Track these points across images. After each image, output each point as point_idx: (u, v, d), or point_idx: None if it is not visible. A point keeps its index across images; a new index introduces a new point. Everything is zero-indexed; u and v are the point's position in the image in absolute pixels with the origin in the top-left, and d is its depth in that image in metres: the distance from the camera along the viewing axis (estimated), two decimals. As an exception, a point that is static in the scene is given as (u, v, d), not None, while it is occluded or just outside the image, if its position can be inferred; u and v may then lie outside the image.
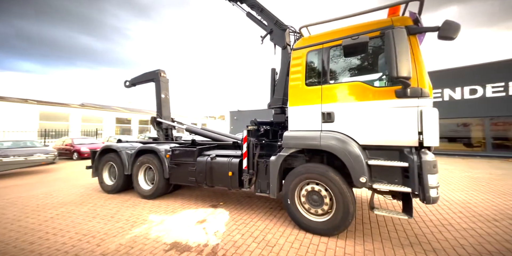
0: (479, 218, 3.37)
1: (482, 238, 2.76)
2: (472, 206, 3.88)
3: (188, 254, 2.46)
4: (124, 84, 6.88)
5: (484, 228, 3.01)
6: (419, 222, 3.26)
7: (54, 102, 19.48)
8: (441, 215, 3.48)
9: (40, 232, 3.04)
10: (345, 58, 3.10)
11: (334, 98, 3.00)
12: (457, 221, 3.26)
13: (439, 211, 3.64)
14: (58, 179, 6.61)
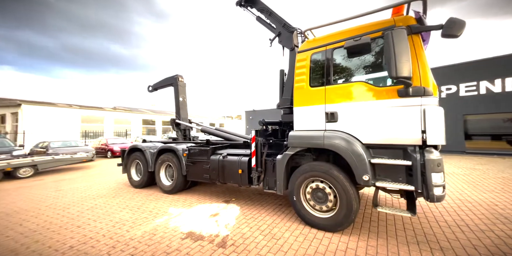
0: (503, 220, 3.15)
1: (500, 239, 2.61)
2: (499, 208, 3.61)
3: (201, 242, 2.72)
4: (147, 89, 7.46)
5: (506, 230, 2.83)
6: (431, 222, 3.16)
7: (92, 106, 21.55)
8: (459, 216, 3.31)
9: (84, 218, 3.56)
10: (348, 59, 3.11)
11: (338, 99, 3.03)
12: (475, 222, 3.09)
13: (457, 212, 3.46)
14: (95, 174, 7.45)
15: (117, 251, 2.56)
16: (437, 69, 11.60)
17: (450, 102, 11.19)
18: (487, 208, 3.60)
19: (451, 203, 3.89)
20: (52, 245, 2.76)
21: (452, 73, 11.52)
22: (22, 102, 15.19)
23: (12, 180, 6.96)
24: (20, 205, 4.40)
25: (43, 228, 3.28)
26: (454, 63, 11.64)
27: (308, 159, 3.56)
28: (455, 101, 11.31)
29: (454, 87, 11.48)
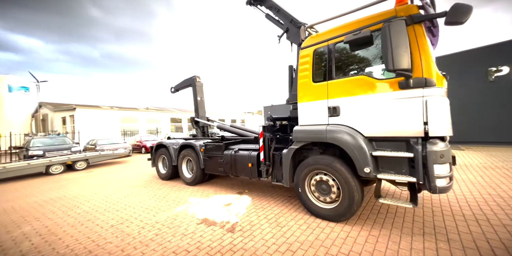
0: None
1: None
2: None
3: (213, 227, 3.05)
4: (170, 90, 8.08)
5: None
6: (446, 215, 3.01)
7: (129, 108, 23.88)
8: (481, 211, 3.08)
9: (122, 204, 4.22)
10: (349, 53, 3.05)
11: (339, 93, 3.02)
12: (498, 217, 2.86)
13: (481, 206, 3.22)
14: (131, 168, 8.47)
15: (145, 231, 3.04)
16: (481, 49, 10.10)
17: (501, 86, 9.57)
18: (518, 204, 3.26)
19: (478, 197, 3.59)
20: (99, 223, 3.38)
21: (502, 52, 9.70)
22: (77, 106, 17.61)
23: (72, 171, 8.33)
24: (77, 191, 5.33)
25: (92, 210, 3.99)
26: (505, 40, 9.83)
27: (315, 152, 3.60)
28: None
29: (506, 68, 9.70)
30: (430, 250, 2.20)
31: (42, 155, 8.98)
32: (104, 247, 2.69)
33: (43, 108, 22.13)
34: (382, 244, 2.39)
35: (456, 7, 2.13)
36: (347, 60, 3.12)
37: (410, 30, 2.43)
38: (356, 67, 3.04)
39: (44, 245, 2.83)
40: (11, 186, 6.44)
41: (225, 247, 2.54)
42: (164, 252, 2.49)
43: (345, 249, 2.35)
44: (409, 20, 2.42)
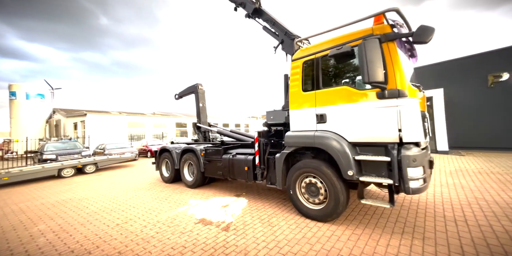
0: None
1: (494, 234, 2.55)
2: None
3: (210, 226, 3.27)
4: (174, 97, 8.47)
5: (506, 226, 2.71)
6: (428, 216, 3.15)
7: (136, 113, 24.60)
8: (462, 212, 3.22)
9: (127, 205, 4.49)
10: (334, 65, 3.30)
11: (326, 102, 3.26)
12: (476, 219, 3.00)
13: (463, 209, 3.34)
14: (137, 171, 8.80)
15: (147, 229, 3.28)
16: (482, 55, 10.15)
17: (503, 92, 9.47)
18: (502, 207, 3.35)
19: (463, 200, 3.70)
20: (106, 222, 3.65)
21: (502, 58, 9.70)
22: (87, 112, 18.34)
23: (82, 174, 8.72)
24: (86, 193, 5.65)
25: (100, 210, 4.27)
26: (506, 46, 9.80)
27: (307, 157, 3.81)
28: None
29: (506, 74, 9.60)
30: (404, 246, 2.36)
31: (55, 158, 9.44)
32: (110, 243, 2.94)
33: (56, 114, 23.07)
34: (363, 241, 2.56)
35: (421, 28, 2.41)
36: (332, 72, 3.37)
37: (385, 47, 2.67)
38: (340, 79, 3.28)
39: (57, 241, 3.10)
40: (26, 188, 6.84)
41: (218, 244, 2.75)
42: (163, 248, 2.73)
43: (327, 246, 2.53)
44: (383, 38, 2.67)
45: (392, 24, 2.71)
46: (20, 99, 20.38)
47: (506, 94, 9.50)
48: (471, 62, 10.50)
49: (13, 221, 3.94)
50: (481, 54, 10.39)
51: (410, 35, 2.53)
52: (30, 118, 20.69)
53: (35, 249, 2.88)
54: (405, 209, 3.44)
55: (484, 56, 10.24)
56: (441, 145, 9.49)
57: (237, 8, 6.54)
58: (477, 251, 2.20)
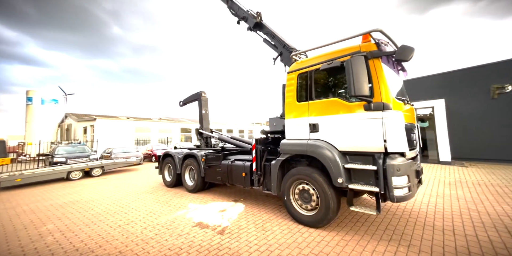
0: (500, 228, 2.98)
1: (478, 243, 2.60)
2: (506, 218, 3.34)
3: (206, 230, 3.41)
4: (178, 104, 8.80)
5: (492, 236, 2.74)
6: (418, 225, 3.20)
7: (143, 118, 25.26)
8: (452, 222, 3.25)
9: (129, 207, 4.68)
10: (325, 78, 3.51)
11: (318, 112, 3.44)
12: (464, 229, 3.03)
13: (454, 219, 3.38)
14: (140, 175, 9.04)
15: (147, 231, 3.45)
16: (486, 67, 10.17)
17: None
18: (493, 218, 3.37)
19: (455, 211, 3.72)
20: (109, 223, 3.83)
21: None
22: (97, 117, 19.01)
23: (89, 177, 9.02)
24: (92, 196, 5.89)
25: (104, 212, 4.47)
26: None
27: (303, 164, 3.94)
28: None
29: (510, 87, 9.51)
30: (389, 253, 2.44)
31: (64, 161, 9.82)
32: (111, 243, 3.11)
33: (68, 118, 23.96)
34: (350, 247, 2.65)
35: (402, 48, 2.62)
36: (324, 85, 3.57)
37: (371, 63, 2.87)
38: (331, 91, 3.47)
39: (63, 239, 3.30)
40: (37, 189, 7.15)
41: (213, 246, 2.89)
42: (161, 249, 2.88)
43: (316, 250, 2.62)
44: (369, 55, 2.87)
45: (377, 42, 2.92)
46: (35, 105, 21.35)
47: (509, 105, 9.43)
48: (475, 73, 10.50)
49: (24, 221, 4.18)
50: (485, 65, 10.40)
51: (393, 54, 2.73)
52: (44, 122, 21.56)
53: (43, 247, 3.08)
54: (396, 218, 3.49)
55: (488, 67, 10.25)
56: (444, 156, 9.38)
57: (239, 22, 6.93)
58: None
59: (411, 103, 3.71)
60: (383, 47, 2.89)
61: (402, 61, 2.71)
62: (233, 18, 7.14)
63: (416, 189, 2.99)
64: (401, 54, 2.65)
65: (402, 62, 2.86)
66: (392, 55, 2.81)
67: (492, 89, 9.83)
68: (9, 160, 9.38)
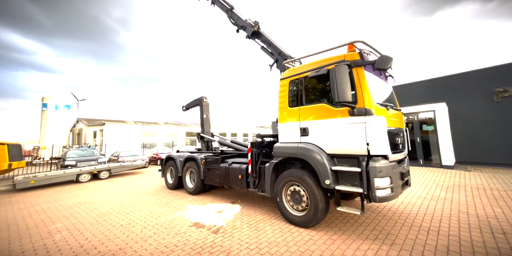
0: (485, 229, 3.01)
1: (459, 243, 2.66)
2: (494, 221, 3.34)
3: (202, 229, 3.57)
4: (182, 109, 9.13)
5: (474, 237, 2.79)
6: (405, 226, 3.26)
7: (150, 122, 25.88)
8: (439, 223, 3.30)
9: (132, 208, 4.90)
10: (314, 85, 3.68)
11: (308, 117, 3.59)
12: (450, 230, 3.08)
13: (442, 220, 3.41)
14: (145, 178, 9.33)
15: (147, 230, 3.64)
16: (488, 70, 10.05)
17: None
18: (481, 220, 3.38)
19: (446, 213, 3.75)
20: (113, 223, 4.05)
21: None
22: (106, 122, 19.69)
23: (96, 180, 9.37)
24: (98, 197, 6.17)
25: (108, 212, 4.71)
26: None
27: (297, 166, 4.07)
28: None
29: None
30: (371, 250, 2.53)
31: (74, 165, 10.25)
32: (113, 240, 3.31)
33: (79, 123, 24.88)
34: (336, 245, 2.75)
35: (382, 58, 2.79)
36: (313, 91, 3.73)
37: (354, 72, 3.03)
38: (319, 97, 3.63)
39: (70, 237, 3.53)
40: (48, 191, 7.52)
41: (206, 244, 3.04)
42: (158, 246, 3.05)
43: (303, 248, 2.74)
44: (353, 64, 3.04)
45: (360, 52, 3.08)
46: (50, 110, 22.33)
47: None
48: (478, 76, 10.39)
49: (35, 220, 4.46)
50: (488, 68, 10.28)
51: (373, 63, 2.89)
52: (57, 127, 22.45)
53: (52, 244, 3.32)
54: (386, 219, 3.55)
55: (491, 70, 10.12)
56: (446, 160, 9.22)
57: (239, 30, 7.24)
58: (434, 255, 2.35)
59: (399, 108, 3.82)
60: (365, 57, 3.05)
61: (382, 70, 2.87)
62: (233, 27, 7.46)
63: (401, 190, 3.07)
64: (381, 64, 2.81)
65: (382, 71, 3.00)
66: (373, 64, 2.96)
67: (495, 93, 9.70)
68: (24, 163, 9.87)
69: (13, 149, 8.98)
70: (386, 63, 2.78)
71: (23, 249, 3.15)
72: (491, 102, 9.85)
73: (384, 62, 2.80)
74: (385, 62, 2.79)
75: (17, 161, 9.05)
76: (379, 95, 3.30)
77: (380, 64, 2.82)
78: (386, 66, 2.78)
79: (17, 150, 9.37)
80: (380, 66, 2.82)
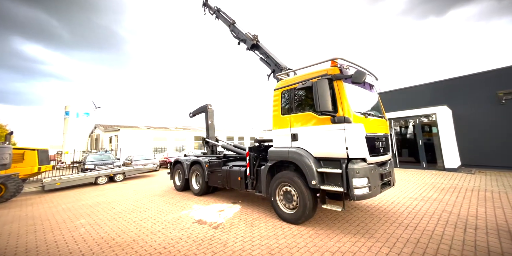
0: (469, 229, 3.19)
1: (430, 236, 2.92)
2: (478, 220, 3.49)
3: (203, 225, 3.98)
4: (189, 115, 9.71)
5: (447, 232, 3.01)
6: (387, 222, 3.51)
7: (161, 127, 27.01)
8: (420, 220, 3.53)
9: (143, 207, 5.41)
10: (302, 95, 4.06)
11: (298, 124, 3.96)
12: (427, 225, 3.32)
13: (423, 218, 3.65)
14: (156, 180, 9.92)
15: (156, 225, 4.10)
16: (494, 72, 9.95)
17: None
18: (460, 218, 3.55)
19: (429, 212, 3.93)
20: (127, 220, 4.55)
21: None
22: (121, 127, 20.85)
23: (112, 182, 10.08)
24: (114, 197, 6.76)
25: (123, 211, 5.24)
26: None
27: (291, 169, 4.41)
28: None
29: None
30: (350, 242, 2.84)
31: (93, 168, 11.07)
32: (128, 233, 3.79)
33: (97, 129, 26.42)
34: (320, 238, 3.06)
35: (356, 72, 3.17)
36: (301, 100, 4.10)
37: (335, 84, 3.38)
38: (307, 106, 3.99)
39: (92, 231, 4.05)
40: (71, 192, 8.25)
41: (207, 237, 3.44)
42: (165, 238, 3.48)
43: (290, 241, 3.07)
44: (334, 77, 3.40)
45: (340, 67, 3.44)
46: (71, 118, 23.97)
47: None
48: (481, 78, 10.27)
49: (63, 216, 5.06)
50: (491, 71, 10.16)
51: (350, 77, 3.25)
52: (78, 133, 24.02)
53: (78, 235, 3.84)
54: (371, 217, 3.80)
55: (494, 72, 10.00)
56: (449, 162, 9.10)
57: (240, 43, 7.78)
58: (404, 245, 2.65)
59: (383, 115, 4.11)
60: (344, 71, 3.41)
61: (357, 83, 3.22)
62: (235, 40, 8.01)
63: (381, 190, 3.34)
64: (356, 78, 3.17)
65: (357, 85, 3.35)
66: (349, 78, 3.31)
67: (499, 95, 9.57)
68: (51, 166, 10.81)
69: (42, 154, 9.92)
70: (360, 78, 3.13)
71: (55, 240, 3.70)
72: (496, 105, 9.70)
73: (358, 77, 3.15)
74: (359, 77, 3.14)
75: (45, 165, 9.97)
76: (360, 104, 3.62)
77: (355, 78, 3.17)
78: (360, 80, 3.12)
79: (45, 155, 10.32)
80: (355, 80, 3.17)
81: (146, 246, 3.22)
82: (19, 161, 9.11)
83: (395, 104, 12.06)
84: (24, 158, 9.26)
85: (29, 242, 3.66)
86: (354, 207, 4.48)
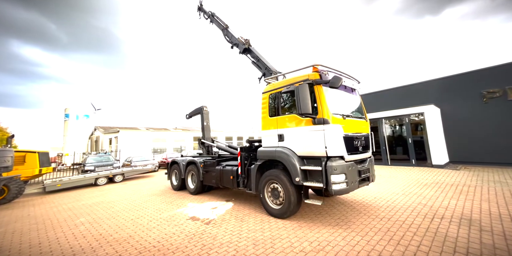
0: (430, 216, 3.45)
1: (400, 226, 3.18)
2: (454, 212, 3.75)
3: (196, 221, 4.19)
4: (185, 117, 9.90)
5: (416, 221, 3.26)
6: (365, 215, 3.76)
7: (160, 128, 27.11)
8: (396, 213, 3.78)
9: (141, 206, 5.61)
10: (287, 98, 4.28)
11: (284, 125, 4.19)
12: (401, 217, 3.59)
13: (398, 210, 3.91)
14: (154, 181, 10.12)
15: (152, 222, 4.31)
16: (476, 72, 10.24)
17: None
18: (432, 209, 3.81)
19: (406, 205, 4.17)
20: (125, 218, 4.75)
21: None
22: (120, 129, 20.97)
23: (112, 183, 10.25)
24: (114, 197, 6.96)
25: (122, 210, 5.44)
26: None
27: (279, 167, 4.64)
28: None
29: (499, 91, 9.44)
30: (328, 233, 3.08)
31: (93, 170, 11.24)
32: (125, 230, 3.99)
33: (96, 131, 26.50)
34: (302, 230, 3.29)
35: (333, 78, 3.43)
36: (287, 103, 4.33)
37: (315, 89, 3.61)
38: (291, 108, 4.22)
39: (91, 228, 4.25)
40: (72, 192, 8.43)
41: (198, 232, 3.65)
42: (159, 234, 3.69)
43: (274, 233, 3.30)
44: (314, 82, 3.63)
45: (319, 72, 3.67)
46: (71, 120, 24.07)
47: (500, 109, 9.41)
48: (467, 78, 10.55)
49: (64, 215, 5.26)
50: (477, 71, 10.45)
51: (328, 82, 3.49)
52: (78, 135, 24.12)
53: (78, 233, 4.04)
54: (353, 211, 4.04)
55: (480, 73, 10.28)
56: (436, 159, 9.38)
57: (233, 47, 8.00)
58: (375, 234, 2.92)
59: (363, 116, 4.35)
60: (324, 76, 3.64)
61: (333, 88, 3.47)
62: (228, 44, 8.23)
63: (359, 185, 3.58)
64: (333, 83, 3.42)
65: (334, 89, 3.61)
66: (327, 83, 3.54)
67: (483, 94, 9.86)
68: (52, 168, 10.97)
69: (43, 156, 10.08)
70: (336, 83, 3.37)
71: (57, 236, 3.90)
72: (481, 104, 9.99)
73: (335, 82, 3.39)
74: (336, 82, 3.38)
75: (46, 167, 10.14)
76: (341, 106, 3.85)
77: (332, 83, 3.41)
78: (337, 85, 3.37)
79: (45, 157, 10.48)
80: (332, 85, 3.41)
81: (142, 241, 3.44)
82: (21, 163, 9.27)
83: (387, 104, 12.34)
84: (25, 160, 9.43)
85: (32, 239, 3.86)
86: (338, 202, 4.72)
